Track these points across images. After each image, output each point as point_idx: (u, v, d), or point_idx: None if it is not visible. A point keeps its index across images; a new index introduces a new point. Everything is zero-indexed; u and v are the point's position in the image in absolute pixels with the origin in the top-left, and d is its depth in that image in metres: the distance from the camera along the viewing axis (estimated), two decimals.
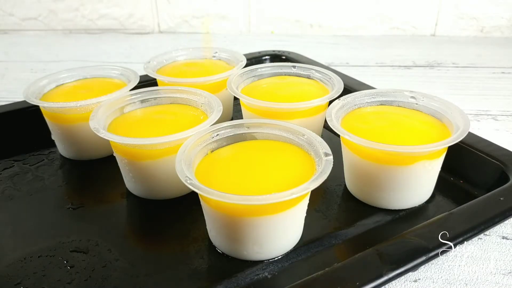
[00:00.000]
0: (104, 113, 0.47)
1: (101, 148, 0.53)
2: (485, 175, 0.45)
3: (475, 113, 0.66)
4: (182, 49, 0.66)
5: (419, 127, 0.44)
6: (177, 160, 0.37)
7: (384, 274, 0.32)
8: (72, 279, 0.36)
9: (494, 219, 0.37)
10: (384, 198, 0.43)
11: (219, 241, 0.39)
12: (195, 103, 0.50)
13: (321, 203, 0.45)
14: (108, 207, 0.46)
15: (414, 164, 0.40)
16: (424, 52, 0.94)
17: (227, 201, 0.32)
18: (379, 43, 1.01)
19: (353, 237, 0.40)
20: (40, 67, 0.88)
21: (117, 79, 0.58)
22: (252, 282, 0.36)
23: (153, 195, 0.46)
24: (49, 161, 0.54)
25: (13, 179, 0.50)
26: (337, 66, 0.85)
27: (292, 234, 0.39)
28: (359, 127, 0.44)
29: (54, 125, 0.52)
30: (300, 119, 0.50)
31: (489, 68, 0.85)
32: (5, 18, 1.10)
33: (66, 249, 0.40)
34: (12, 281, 0.36)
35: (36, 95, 0.53)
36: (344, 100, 0.47)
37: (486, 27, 1.04)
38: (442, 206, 0.44)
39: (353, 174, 0.45)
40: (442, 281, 0.36)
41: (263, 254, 0.37)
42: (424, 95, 0.47)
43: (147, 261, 0.38)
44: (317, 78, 0.57)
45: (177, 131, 0.42)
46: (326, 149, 0.38)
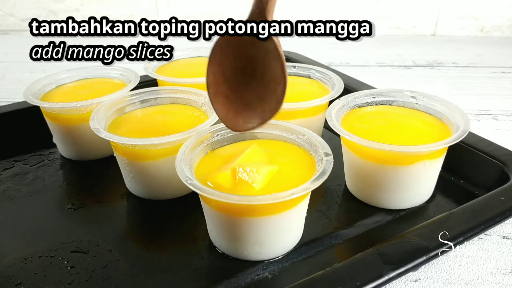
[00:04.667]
0: (104, 114, 0.47)
1: (101, 149, 0.53)
2: (485, 175, 0.45)
3: (476, 112, 0.66)
4: (182, 49, 0.66)
5: (420, 127, 0.44)
6: (177, 160, 0.37)
7: (384, 274, 0.32)
8: (72, 280, 0.36)
9: (495, 219, 0.37)
10: (384, 198, 0.43)
11: (219, 241, 0.39)
12: (195, 103, 0.50)
13: (321, 203, 0.45)
14: (108, 208, 0.46)
15: (415, 164, 0.40)
16: (424, 52, 0.94)
17: (227, 201, 0.32)
18: (379, 43, 1.00)
19: (354, 237, 0.40)
20: (40, 67, 0.88)
21: (117, 80, 0.58)
22: (253, 282, 0.36)
23: (154, 195, 0.46)
24: (49, 161, 0.54)
25: (13, 179, 0.50)
26: (337, 66, 0.85)
27: (292, 234, 0.39)
28: (359, 127, 0.44)
29: (54, 125, 0.52)
30: (300, 119, 0.50)
31: (489, 68, 0.85)
32: (5, 18, 1.10)
33: (66, 250, 0.40)
34: (12, 281, 0.36)
35: (36, 96, 0.53)
36: (344, 100, 0.47)
37: (486, 27, 1.04)
38: (442, 206, 0.44)
39: (354, 174, 0.45)
40: (442, 281, 0.36)
41: (263, 254, 0.37)
42: (424, 95, 0.47)
43: (148, 261, 0.38)
44: (317, 78, 0.57)
45: (178, 131, 0.42)
46: (326, 149, 0.38)
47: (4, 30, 1.11)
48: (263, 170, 0.36)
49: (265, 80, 0.34)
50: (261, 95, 0.34)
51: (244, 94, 0.35)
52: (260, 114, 0.35)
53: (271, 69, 0.33)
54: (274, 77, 0.33)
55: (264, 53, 0.33)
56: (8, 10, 1.09)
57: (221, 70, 0.35)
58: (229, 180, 0.36)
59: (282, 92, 0.33)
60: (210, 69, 0.35)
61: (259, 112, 0.35)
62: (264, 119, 0.35)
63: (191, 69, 0.61)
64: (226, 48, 0.35)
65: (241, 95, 0.36)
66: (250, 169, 0.36)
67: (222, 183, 0.35)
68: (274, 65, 0.33)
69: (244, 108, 0.36)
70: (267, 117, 0.34)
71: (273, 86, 0.33)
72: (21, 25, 1.10)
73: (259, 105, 0.35)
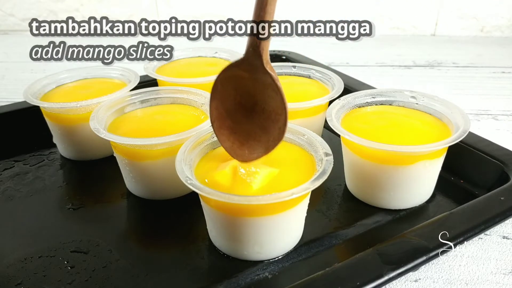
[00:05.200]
0: (104, 114, 0.47)
1: (101, 149, 0.53)
2: (485, 175, 0.45)
3: (476, 112, 0.66)
4: (182, 49, 0.66)
5: (420, 127, 0.44)
6: (177, 160, 0.37)
7: (384, 274, 0.32)
8: (72, 280, 0.36)
9: (495, 219, 0.37)
10: (384, 198, 0.43)
11: (219, 241, 0.39)
12: (195, 103, 0.50)
13: (321, 203, 0.45)
14: (108, 208, 0.46)
15: (415, 164, 0.40)
16: (424, 52, 0.94)
17: (227, 201, 0.32)
18: (379, 43, 1.00)
19: (354, 237, 0.40)
20: (40, 67, 0.88)
21: (117, 79, 0.58)
22: (253, 282, 0.36)
23: (154, 195, 0.46)
24: (49, 161, 0.54)
25: (13, 179, 0.50)
26: (337, 66, 0.85)
27: (292, 234, 0.39)
28: (359, 127, 0.44)
29: (54, 125, 0.52)
30: (300, 119, 0.50)
31: (489, 67, 0.85)
32: (5, 19, 1.10)
33: (66, 250, 0.40)
34: (12, 281, 0.36)
35: (36, 96, 0.53)
36: (344, 100, 0.47)
37: (486, 27, 1.04)
38: (442, 206, 0.44)
39: (354, 174, 0.45)
40: (442, 281, 0.36)
41: (263, 254, 0.37)
42: (424, 95, 0.47)
43: (148, 261, 0.38)
44: (317, 78, 0.57)
45: (178, 131, 0.42)
46: (326, 149, 0.38)
47: (4, 30, 1.11)
48: (263, 171, 0.36)
49: (266, 112, 0.35)
50: (264, 126, 0.36)
51: (247, 126, 0.37)
52: (265, 144, 0.36)
53: (271, 101, 0.35)
54: (275, 108, 0.35)
55: (263, 87, 0.34)
56: (8, 10, 1.09)
57: (224, 105, 0.37)
58: (228, 179, 0.36)
59: (284, 122, 0.34)
60: (213, 105, 0.37)
61: (264, 142, 0.36)
62: (268, 148, 0.36)
63: (191, 69, 0.61)
64: (226, 84, 0.36)
65: (245, 127, 0.37)
66: (250, 169, 0.36)
67: (221, 181, 0.36)
68: (274, 98, 0.34)
69: (248, 139, 0.37)
70: (271, 147, 0.36)
71: (274, 117, 0.35)
72: (21, 25, 1.10)
73: (263, 135, 0.36)
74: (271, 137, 0.36)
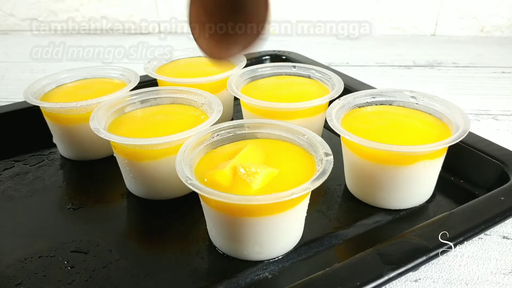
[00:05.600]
0: (104, 114, 0.47)
1: (101, 149, 0.53)
2: (485, 175, 0.45)
3: (476, 112, 0.66)
4: (182, 49, 0.66)
5: (420, 127, 0.44)
6: (177, 160, 0.37)
7: (384, 274, 0.32)
8: (72, 280, 0.36)
9: (495, 219, 0.37)
10: (384, 198, 0.43)
11: (219, 241, 0.39)
12: (195, 103, 0.50)
13: (321, 203, 0.45)
14: (108, 208, 0.46)
15: (415, 164, 0.40)
16: (424, 52, 0.94)
17: (227, 201, 0.32)
18: (379, 43, 1.00)
19: (354, 237, 0.40)
20: (40, 67, 0.88)
21: (117, 79, 0.58)
22: (253, 282, 0.36)
23: (154, 195, 0.46)
24: (49, 161, 0.54)
25: (13, 179, 0.50)
26: (337, 66, 0.85)
27: (292, 234, 0.39)
28: (359, 127, 0.44)
29: (54, 125, 0.52)
30: (300, 119, 0.50)
31: (489, 68, 0.85)
32: (5, 18, 1.10)
33: (66, 250, 0.40)
34: (12, 281, 0.36)
35: (36, 96, 0.53)
36: (344, 100, 0.47)
37: (486, 27, 1.04)
38: (442, 206, 0.44)
39: (354, 174, 0.45)
40: (442, 281, 0.36)
41: (263, 254, 0.37)
42: (424, 95, 0.47)
43: (148, 261, 0.38)
44: (317, 78, 0.57)
45: (178, 131, 0.42)
46: (326, 149, 0.38)
47: (4, 30, 1.11)
48: (263, 171, 0.36)
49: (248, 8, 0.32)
50: (244, 21, 0.32)
51: (228, 25, 0.33)
52: (244, 38, 0.33)
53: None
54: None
55: None
56: (8, 10, 1.09)
57: (204, 8, 0.33)
58: (228, 179, 0.36)
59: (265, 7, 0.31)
60: (193, 8, 0.33)
61: (243, 36, 0.33)
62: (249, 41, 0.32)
63: (191, 69, 0.61)
64: None
65: (225, 26, 0.34)
66: (250, 169, 0.36)
67: (220, 181, 0.36)
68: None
69: (227, 36, 0.33)
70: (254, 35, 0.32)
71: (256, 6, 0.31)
72: (21, 25, 1.10)
73: (243, 29, 0.33)
74: (254, 29, 0.32)
